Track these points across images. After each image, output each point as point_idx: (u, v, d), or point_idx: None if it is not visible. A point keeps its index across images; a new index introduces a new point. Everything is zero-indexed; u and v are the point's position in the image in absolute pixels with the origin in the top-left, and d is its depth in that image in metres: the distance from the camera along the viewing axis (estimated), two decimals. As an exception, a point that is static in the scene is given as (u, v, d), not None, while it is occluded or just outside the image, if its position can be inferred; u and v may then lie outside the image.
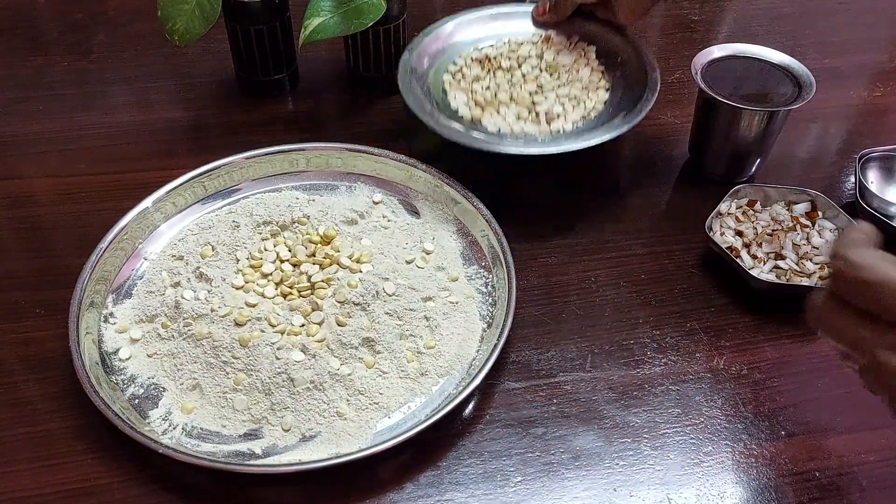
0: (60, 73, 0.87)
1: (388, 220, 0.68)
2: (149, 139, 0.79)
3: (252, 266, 0.63)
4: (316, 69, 0.87)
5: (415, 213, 0.69)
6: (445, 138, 0.67)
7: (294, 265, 0.63)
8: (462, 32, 0.79)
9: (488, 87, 0.73)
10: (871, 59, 0.92)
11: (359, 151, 0.71)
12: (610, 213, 0.72)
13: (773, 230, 0.66)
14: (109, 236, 0.63)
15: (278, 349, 0.57)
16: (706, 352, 0.61)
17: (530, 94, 0.73)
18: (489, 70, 0.75)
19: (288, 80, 0.84)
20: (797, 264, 0.63)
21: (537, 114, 0.71)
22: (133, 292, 0.63)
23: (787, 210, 0.68)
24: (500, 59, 0.75)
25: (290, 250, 0.64)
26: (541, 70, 0.75)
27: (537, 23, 0.79)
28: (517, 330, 0.60)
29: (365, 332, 0.58)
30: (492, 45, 0.78)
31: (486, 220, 0.65)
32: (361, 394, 0.56)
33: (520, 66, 0.75)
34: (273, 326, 0.58)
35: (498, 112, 0.71)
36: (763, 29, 0.96)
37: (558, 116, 0.71)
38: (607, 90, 0.75)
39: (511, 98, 0.72)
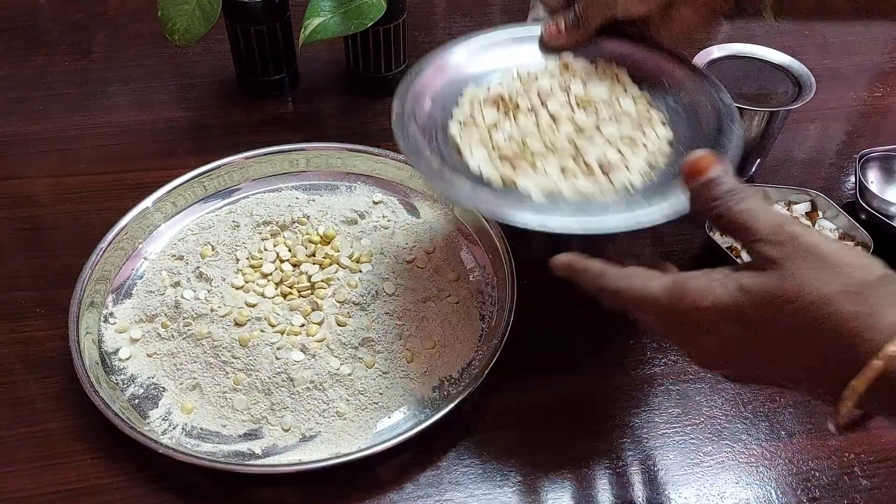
0: (60, 73, 0.87)
1: (388, 220, 0.68)
2: (149, 139, 0.79)
3: (252, 266, 0.63)
4: (316, 69, 0.87)
5: (415, 213, 0.69)
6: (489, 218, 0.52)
7: (294, 265, 0.63)
8: (466, 63, 0.61)
9: (511, 136, 0.55)
10: (871, 59, 0.92)
11: (359, 151, 0.71)
12: (610, 213, 0.72)
13: (773, 230, 0.66)
14: (109, 236, 0.63)
15: (278, 349, 0.57)
16: (706, 352, 0.61)
17: (569, 139, 0.55)
18: (506, 112, 0.57)
19: (288, 80, 0.84)
20: (797, 264, 0.63)
21: (587, 165, 0.53)
22: (133, 292, 0.63)
23: (788, 210, 0.68)
24: (516, 98, 0.58)
25: (290, 250, 0.64)
26: (573, 107, 0.58)
27: (549, 47, 0.61)
28: (517, 330, 0.60)
29: (365, 332, 0.58)
30: (499, 82, 0.60)
31: (486, 220, 0.65)
32: (361, 394, 0.56)
33: (544, 105, 0.58)
34: (273, 326, 0.58)
35: (534, 168, 0.53)
36: (763, 29, 0.95)
37: (617, 166, 0.54)
38: (664, 124, 0.57)
39: (547, 147, 0.54)
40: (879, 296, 0.36)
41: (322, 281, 0.61)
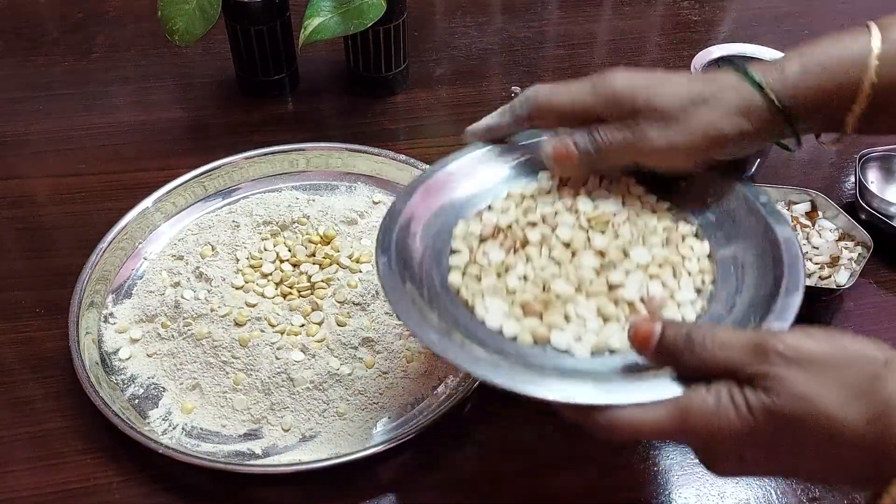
0: (60, 73, 0.87)
1: (388, 220, 0.68)
2: (149, 139, 0.79)
3: (252, 266, 0.63)
4: (316, 69, 0.87)
5: (415, 213, 0.69)
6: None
7: (294, 265, 0.63)
8: (445, 193, 0.51)
9: (524, 277, 0.46)
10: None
11: (359, 151, 0.72)
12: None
13: (773, 230, 0.66)
14: (109, 236, 0.63)
15: (278, 349, 0.57)
16: (706, 352, 0.60)
17: (597, 273, 0.46)
18: (511, 248, 0.47)
19: (288, 80, 0.84)
20: (797, 264, 0.63)
21: (630, 304, 0.44)
22: (133, 292, 0.63)
23: (787, 210, 0.68)
24: (521, 229, 0.48)
25: (290, 250, 0.64)
26: (586, 230, 0.48)
27: (555, 169, 0.50)
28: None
29: (364, 331, 0.58)
30: (489, 208, 0.50)
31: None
32: (361, 394, 0.56)
33: (553, 232, 0.48)
34: (273, 326, 0.58)
35: (567, 318, 0.44)
36: (763, 29, 0.96)
37: (662, 302, 0.45)
38: (697, 237, 0.49)
39: (578, 288, 0.45)
40: (893, 386, 0.34)
41: (322, 281, 0.61)
